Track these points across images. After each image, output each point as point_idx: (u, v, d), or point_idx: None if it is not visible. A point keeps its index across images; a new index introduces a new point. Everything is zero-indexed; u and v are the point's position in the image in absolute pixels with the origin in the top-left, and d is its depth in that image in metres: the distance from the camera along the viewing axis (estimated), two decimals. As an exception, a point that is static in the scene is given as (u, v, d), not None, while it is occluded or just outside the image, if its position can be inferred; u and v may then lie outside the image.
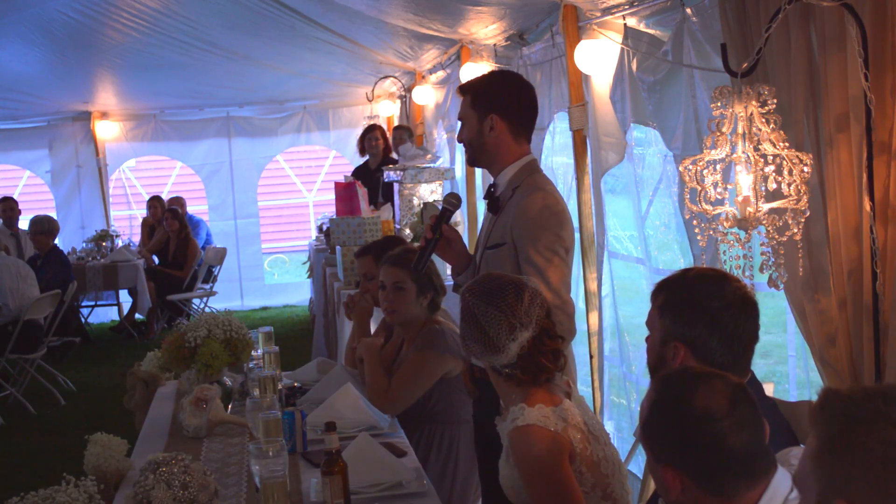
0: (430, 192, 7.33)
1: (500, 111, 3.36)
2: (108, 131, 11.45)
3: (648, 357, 2.47)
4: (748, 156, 2.63)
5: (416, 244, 3.53)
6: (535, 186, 3.32)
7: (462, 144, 3.52)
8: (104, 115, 11.37)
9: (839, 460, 1.37)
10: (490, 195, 3.42)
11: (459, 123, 3.48)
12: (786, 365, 5.44)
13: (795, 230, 2.61)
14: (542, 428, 2.57)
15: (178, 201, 11.23)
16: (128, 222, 12.55)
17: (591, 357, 5.12)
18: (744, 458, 1.80)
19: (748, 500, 1.81)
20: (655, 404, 1.89)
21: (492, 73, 3.62)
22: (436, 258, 3.64)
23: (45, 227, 9.24)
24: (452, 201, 3.44)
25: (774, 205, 2.64)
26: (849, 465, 1.36)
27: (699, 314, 2.35)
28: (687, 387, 1.86)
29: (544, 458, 2.55)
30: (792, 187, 2.59)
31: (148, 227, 11.19)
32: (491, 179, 3.52)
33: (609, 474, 2.65)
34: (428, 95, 9.07)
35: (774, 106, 2.62)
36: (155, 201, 11.19)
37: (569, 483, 2.56)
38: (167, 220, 10.61)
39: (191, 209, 11.34)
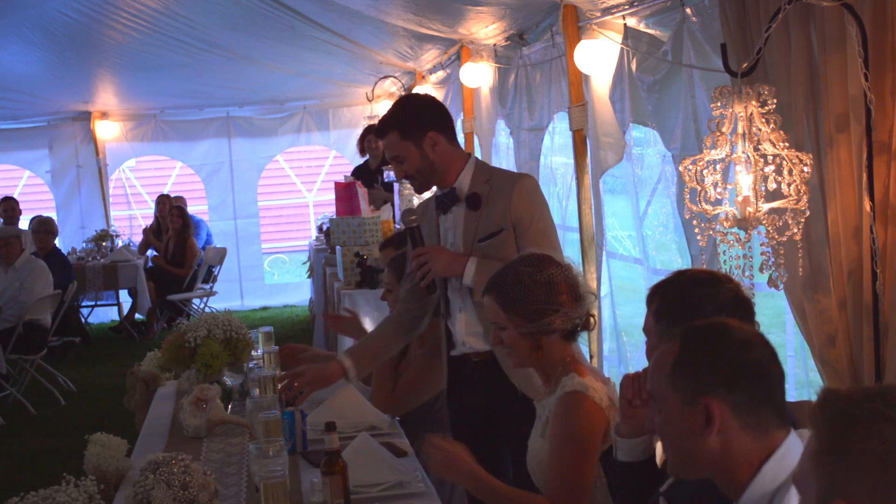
0: (430, 192, 7.31)
1: (433, 126, 3.39)
2: (108, 131, 11.44)
3: (648, 359, 2.47)
4: (748, 156, 2.63)
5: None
6: (516, 172, 3.56)
7: (407, 181, 3.50)
8: (104, 115, 11.36)
9: (839, 461, 1.36)
10: (452, 196, 3.42)
11: (391, 167, 3.48)
12: (785, 365, 5.44)
13: (795, 230, 2.61)
14: (591, 399, 2.65)
15: (179, 201, 11.22)
16: (128, 222, 12.54)
17: (590, 357, 5.12)
18: (779, 390, 1.83)
19: (775, 440, 1.82)
20: (690, 341, 1.87)
21: (400, 102, 3.63)
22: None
23: (47, 227, 9.28)
24: (411, 217, 3.43)
25: (774, 205, 2.64)
26: (849, 465, 1.35)
27: (693, 319, 2.35)
28: (721, 322, 1.92)
29: (585, 428, 2.63)
30: (792, 187, 2.59)
31: (151, 232, 11.10)
32: None
33: None
34: (428, 95, 9.06)
35: (774, 106, 2.62)
36: (164, 199, 11.15)
37: (591, 463, 2.63)
38: (172, 216, 10.61)
39: (191, 209, 11.33)
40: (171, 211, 10.70)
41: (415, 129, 3.37)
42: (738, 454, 1.80)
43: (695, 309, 2.34)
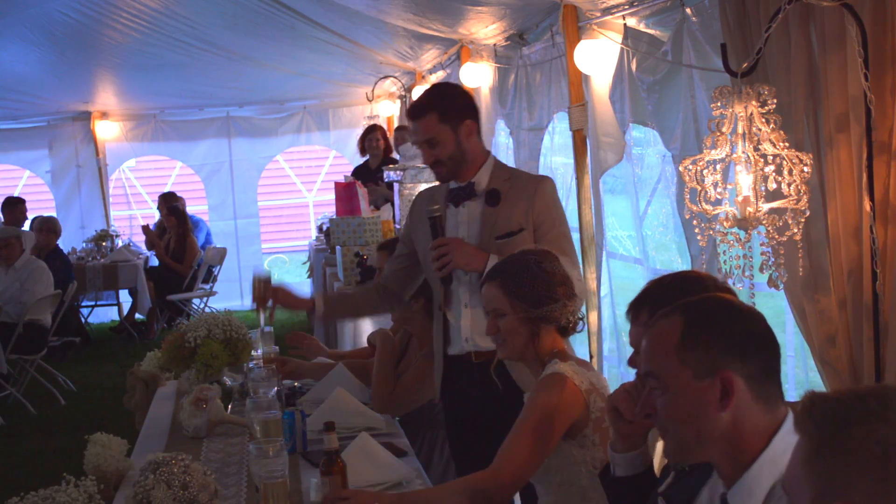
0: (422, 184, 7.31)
1: (471, 115, 3.41)
2: (108, 131, 11.44)
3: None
4: (748, 156, 2.63)
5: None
6: (537, 175, 3.57)
7: (432, 167, 3.43)
8: (104, 115, 11.37)
9: (836, 463, 1.35)
10: (469, 190, 3.41)
11: (420, 147, 3.42)
12: (785, 365, 5.44)
13: (795, 230, 2.61)
14: (571, 380, 2.67)
15: (173, 200, 11.15)
16: (128, 222, 12.54)
17: (590, 357, 5.12)
18: (780, 363, 1.81)
19: (780, 413, 1.79)
20: (695, 314, 1.81)
21: (439, 87, 3.64)
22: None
23: (50, 225, 9.30)
24: (434, 207, 3.42)
25: (774, 205, 2.63)
26: (846, 467, 1.34)
27: None
28: (719, 295, 1.91)
29: (555, 404, 2.63)
30: (792, 187, 2.59)
31: (159, 229, 11.07)
32: None
33: None
34: (428, 95, 9.06)
35: (774, 106, 2.61)
36: (160, 200, 11.14)
37: (549, 439, 2.62)
38: (164, 216, 10.61)
39: (191, 209, 11.33)
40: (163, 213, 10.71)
41: (454, 113, 3.36)
42: (749, 427, 1.76)
43: None
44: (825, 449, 1.36)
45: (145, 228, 10.87)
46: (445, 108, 3.37)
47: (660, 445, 2.76)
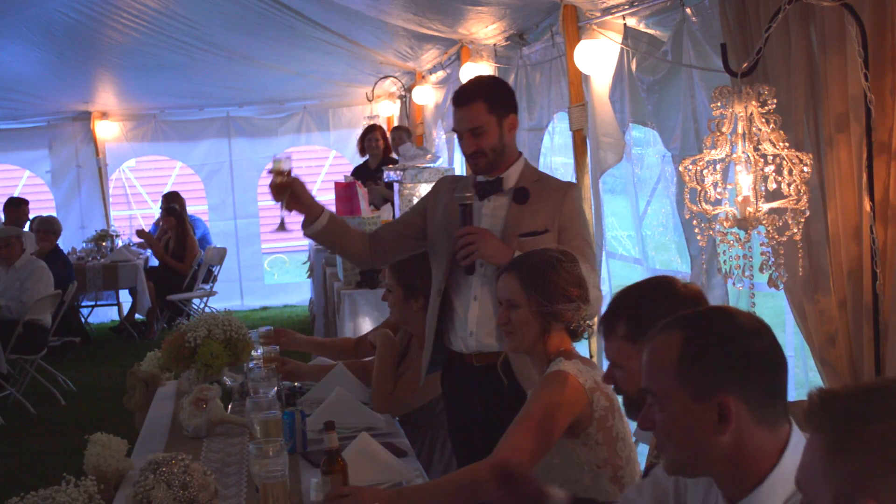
0: (433, 172, 7.31)
1: (515, 110, 3.40)
2: (108, 131, 11.44)
3: (630, 390, 2.29)
4: (748, 156, 2.63)
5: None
6: (565, 180, 3.58)
7: (473, 156, 3.35)
8: (104, 115, 11.36)
9: (860, 459, 1.32)
10: (497, 185, 3.38)
11: (462, 136, 3.35)
12: (785, 365, 5.43)
13: (795, 230, 2.61)
14: (574, 378, 2.67)
15: (173, 199, 11.15)
16: (128, 222, 12.53)
17: (590, 356, 5.12)
18: (786, 379, 1.75)
19: (783, 433, 1.73)
20: (695, 332, 1.75)
21: (487, 77, 3.63)
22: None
23: (48, 226, 9.30)
24: (466, 194, 3.37)
25: (774, 205, 2.63)
26: (873, 462, 1.31)
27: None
28: (723, 310, 1.83)
29: (557, 400, 2.63)
30: (792, 187, 2.59)
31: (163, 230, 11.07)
32: None
33: (624, 458, 2.67)
34: (428, 95, 9.08)
35: (774, 106, 2.62)
36: (163, 200, 11.15)
37: (548, 433, 2.61)
38: (162, 216, 10.61)
39: (191, 209, 11.32)
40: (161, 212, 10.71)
41: (501, 105, 3.34)
42: (753, 449, 1.70)
43: (672, 312, 2.23)
44: (847, 445, 1.34)
45: (140, 233, 10.86)
46: (494, 99, 3.34)
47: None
